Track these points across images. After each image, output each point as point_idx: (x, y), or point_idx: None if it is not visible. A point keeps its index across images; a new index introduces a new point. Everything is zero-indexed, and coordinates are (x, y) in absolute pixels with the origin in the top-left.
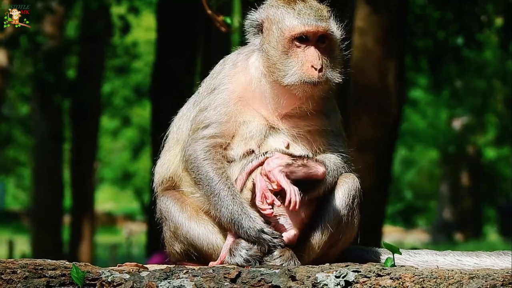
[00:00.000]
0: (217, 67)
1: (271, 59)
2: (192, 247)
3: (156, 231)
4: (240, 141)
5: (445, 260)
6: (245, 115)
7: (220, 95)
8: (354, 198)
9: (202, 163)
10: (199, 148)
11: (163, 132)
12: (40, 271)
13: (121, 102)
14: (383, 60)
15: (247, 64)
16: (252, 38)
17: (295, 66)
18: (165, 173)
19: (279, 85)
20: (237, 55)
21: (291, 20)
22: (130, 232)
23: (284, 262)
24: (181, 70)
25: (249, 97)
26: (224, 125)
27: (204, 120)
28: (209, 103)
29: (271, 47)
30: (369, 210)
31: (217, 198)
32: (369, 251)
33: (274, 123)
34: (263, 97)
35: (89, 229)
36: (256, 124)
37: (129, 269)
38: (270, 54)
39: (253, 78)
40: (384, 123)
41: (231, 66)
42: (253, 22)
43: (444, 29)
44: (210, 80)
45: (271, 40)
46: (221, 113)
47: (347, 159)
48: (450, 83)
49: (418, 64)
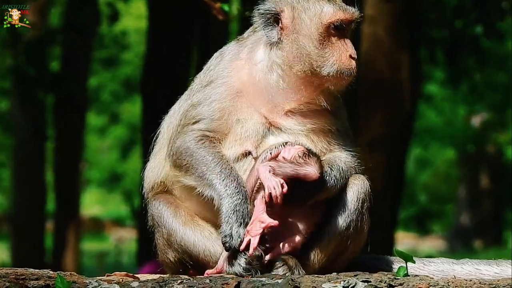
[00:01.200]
0: (213, 60)
1: (302, 49)
2: (187, 255)
3: (147, 238)
4: (234, 141)
5: (462, 270)
6: (242, 113)
7: (217, 89)
8: (364, 202)
9: (196, 150)
10: (189, 138)
11: (155, 130)
12: (21, 281)
13: (109, 97)
14: (395, 51)
15: (252, 57)
16: (267, 29)
17: (334, 56)
18: (156, 177)
19: (307, 76)
20: (238, 47)
21: (327, 7)
22: (119, 239)
23: (287, 271)
24: (175, 62)
25: (249, 92)
26: (216, 122)
27: (196, 116)
28: (203, 98)
29: (303, 36)
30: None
31: (214, 176)
32: (380, 259)
33: (275, 121)
34: (266, 92)
35: (74, 235)
36: (253, 123)
37: (118, 279)
38: (301, 44)
39: (258, 71)
40: (397, 120)
41: (231, 58)
42: (268, 13)
43: (462, 18)
44: (206, 73)
45: (302, 28)
46: (215, 110)
47: (356, 158)
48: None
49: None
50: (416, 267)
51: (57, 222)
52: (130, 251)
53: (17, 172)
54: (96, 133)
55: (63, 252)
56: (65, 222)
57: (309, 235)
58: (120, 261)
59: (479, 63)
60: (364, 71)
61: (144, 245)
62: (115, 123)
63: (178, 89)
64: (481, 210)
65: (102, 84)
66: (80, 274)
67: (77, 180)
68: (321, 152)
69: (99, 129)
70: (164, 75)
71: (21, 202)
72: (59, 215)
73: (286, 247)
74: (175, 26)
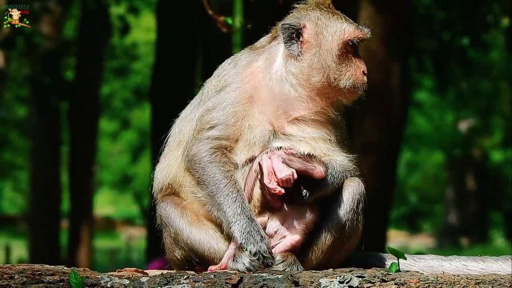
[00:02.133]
0: (226, 65)
1: (323, 62)
2: (193, 253)
3: (156, 236)
4: (244, 146)
5: (450, 266)
6: (253, 119)
7: (231, 93)
8: (359, 203)
9: (208, 165)
10: (204, 149)
11: (163, 134)
12: (38, 277)
13: (120, 104)
14: (387, 61)
15: (269, 65)
16: (287, 42)
17: (350, 70)
18: (165, 179)
19: (324, 88)
20: (253, 55)
21: (347, 26)
22: (130, 237)
23: (287, 267)
24: (181, 71)
25: (261, 98)
26: (231, 128)
27: (211, 121)
28: (218, 102)
29: (324, 50)
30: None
31: (222, 199)
32: (373, 256)
33: (281, 127)
34: (278, 100)
35: (87, 233)
36: (261, 129)
37: (128, 274)
38: (322, 57)
39: (273, 80)
40: (388, 125)
41: (246, 65)
42: (292, 27)
43: (449, 30)
44: (219, 78)
45: (323, 43)
46: (229, 114)
47: (352, 163)
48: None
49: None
50: (407, 263)
51: (72, 221)
52: (139, 248)
53: (34, 175)
54: (108, 138)
55: (77, 249)
56: (79, 221)
57: (307, 234)
58: (130, 258)
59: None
60: None
61: (153, 242)
62: (126, 129)
63: (184, 96)
64: (467, 210)
65: (113, 92)
66: (93, 270)
67: (90, 182)
68: (319, 156)
69: (111, 134)
70: (172, 84)
71: (37, 203)
72: (73, 214)
73: (287, 245)
74: (182, 38)
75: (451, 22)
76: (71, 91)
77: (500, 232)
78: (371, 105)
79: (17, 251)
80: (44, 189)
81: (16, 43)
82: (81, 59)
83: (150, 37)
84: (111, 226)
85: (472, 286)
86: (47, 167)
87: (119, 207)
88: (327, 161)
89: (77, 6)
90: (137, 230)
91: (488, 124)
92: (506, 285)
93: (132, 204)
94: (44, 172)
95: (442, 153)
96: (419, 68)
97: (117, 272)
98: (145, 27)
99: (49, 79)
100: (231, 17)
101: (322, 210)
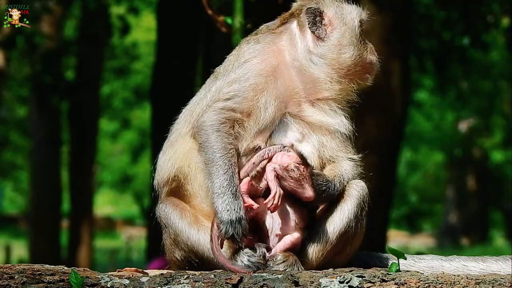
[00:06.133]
0: (246, 44)
1: (349, 39)
2: (193, 254)
3: (156, 236)
4: (254, 125)
5: (451, 266)
6: (270, 95)
7: (257, 65)
8: (363, 209)
9: (214, 133)
10: (215, 117)
11: (163, 134)
12: (38, 277)
13: (121, 104)
14: (388, 61)
15: (294, 44)
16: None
17: (368, 46)
18: (171, 170)
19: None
20: (274, 35)
21: (356, 7)
22: (130, 237)
23: (287, 267)
24: (182, 71)
25: (283, 75)
26: (248, 102)
27: (229, 92)
28: (242, 73)
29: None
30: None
31: (214, 169)
32: (373, 256)
33: (293, 111)
34: (299, 79)
35: (87, 233)
36: (275, 109)
37: (128, 274)
38: (348, 34)
39: (298, 58)
40: (389, 125)
41: (269, 42)
42: (317, 11)
43: (450, 30)
44: (240, 54)
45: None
46: (250, 86)
47: (358, 167)
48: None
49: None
50: (408, 264)
51: (72, 221)
52: (140, 248)
53: (34, 174)
54: (108, 138)
55: (77, 249)
56: (79, 221)
57: (307, 232)
58: (130, 258)
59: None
60: None
61: (153, 242)
62: (126, 129)
63: (184, 96)
64: (468, 210)
65: (114, 92)
66: (93, 270)
67: (90, 182)
68: (325, 159)
69: (111, 134)
70: (172, 84)
71: (38, 202)
72: (73, 214)
73: (287, 244)
74: (182, 38)
75: (452, 22)
76: (71, 90)
77: (500, 231)
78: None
79: (17, 251)
80: (44, 189)
81: (16, 43)
82: (81, 58)
83: (150, 37)
84: (111, 226)
85: (472, 286)
86: (47, 167)
87: (119, 207)
88: (333, 170)
89: (77, 6)
90: (137, 230)
91: (488, 124)
92: (506, 285)
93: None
94: (44, 172)
95: (442, 153)
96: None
97: (117, 272)
98: (145, 27)
99: (49, 79)
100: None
101: (327, 211)
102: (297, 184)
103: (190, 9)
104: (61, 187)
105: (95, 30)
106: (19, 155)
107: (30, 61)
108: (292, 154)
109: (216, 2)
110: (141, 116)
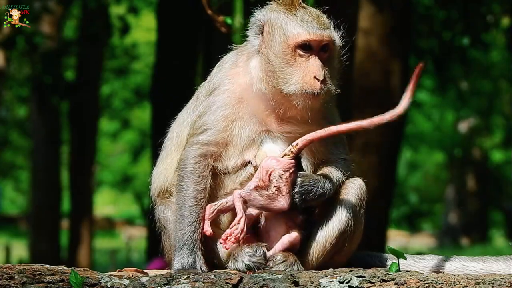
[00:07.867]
0: (215, 68)
1: (271, 65)
2: None
3: (156, 236)
4: (235, 151)
5: (451, 266)
6: (243, 120)
7: (220, 96)
8: (361, 207)
9: (188, 176)
10: (190, 155)
11: (164, 135)
12: (38, 277)
13: (121, 104)
14: (388, 61)
15: (248, 65)
16: (253, 38)
17: (297, 75)
18: (162, 183)
19: (278, 92)
20: (236, 55)
21: (296, 27)
22: (130, 237)
23: (287, 267)
24: (182, 71)
25: (249, 98)
26: (221, 133)
27: (202, 126)
28: (208, 107)
29: (272, 53)
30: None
31: (181, 218)
32: (373, 256)
33: (272, 128)
34: (263, 100)
35: (87, 233)
36: (252, 130)
37: (128, 274)
38: (271, 59)
39: (254, 80)
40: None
41: (230, 66)
42: (256, 22)
43: (450, 30)
44: (209, 82)
45: (272, 45)
46: (219, 118)
47: (350, 166)
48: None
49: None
50: (408, 264)
51: (72, 221)
52: (140, 248)
53: (35, 174)
54: (108, 138)
55: (77, 249)
56: (79, 221)
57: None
58: (130, 258)
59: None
60: (359, 79)
61: (153, 242)
62: (126, 129)
63: (185, 96)
64: (468, 210)
65: (114, 92)
66: (93, 270)
67: (90, 182)
68: (316, 160)
69: (111, 134)
70: (172, 84)
71: (38, 202)
72: (73, 214)
73: (285, 244)
74: (182, 38)
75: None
76: (71, 90)
77: (500, 231)
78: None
79: (17, 251)
80: (44, 189)
81: (16, 43)
82: (81, 59)
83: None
84: (111, 226)
85: (472, 286)
86: (47, 167)
87: (119, 207)
88: (324, 170)
89: (77, 6)
90: (137, 230)
91: (488, 124)
92: (506, 285)
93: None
94: (44, 172)
95: (442, 153)
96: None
97: (117, 272)
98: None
99: (49, 79)
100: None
101: (325, 211)
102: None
103: (190, 9)
104: (61, 187)
105: (95, 30)
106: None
107: (30, 61)
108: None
109: (216, 2)
110: (141, 116)
